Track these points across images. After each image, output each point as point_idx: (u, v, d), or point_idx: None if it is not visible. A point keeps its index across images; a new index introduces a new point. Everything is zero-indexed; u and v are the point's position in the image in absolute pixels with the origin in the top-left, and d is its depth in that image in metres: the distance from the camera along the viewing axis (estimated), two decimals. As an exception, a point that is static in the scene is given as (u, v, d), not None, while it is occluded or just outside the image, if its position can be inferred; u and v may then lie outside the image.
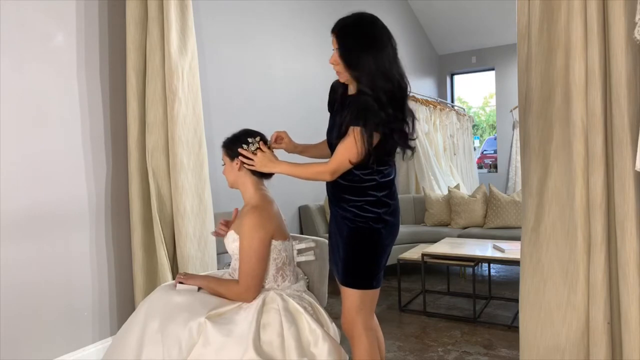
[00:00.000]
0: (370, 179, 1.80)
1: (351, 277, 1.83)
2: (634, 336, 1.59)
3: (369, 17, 1.78)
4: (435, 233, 4.72)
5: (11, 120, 2.35)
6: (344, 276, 1.84)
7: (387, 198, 1.83)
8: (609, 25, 1.60)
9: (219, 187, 3.22)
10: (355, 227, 1.80)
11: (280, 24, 4.39)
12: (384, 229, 1.81)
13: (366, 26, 1.75)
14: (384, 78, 1.69)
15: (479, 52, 8.22)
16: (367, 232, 1.80)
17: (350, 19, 1.75)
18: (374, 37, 1.73)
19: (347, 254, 1.82)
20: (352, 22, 1.75)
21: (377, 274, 1.84)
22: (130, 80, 2.74)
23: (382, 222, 1.80)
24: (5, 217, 2.31)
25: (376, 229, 1.80)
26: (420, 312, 3.54)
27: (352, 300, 1.82)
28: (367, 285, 1.82)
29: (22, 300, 2.38)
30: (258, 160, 1.89)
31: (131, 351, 1.73)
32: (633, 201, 1.58)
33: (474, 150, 8.13)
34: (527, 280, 1.84)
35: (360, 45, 1.71)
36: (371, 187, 1.80)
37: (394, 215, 1.86)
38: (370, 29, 1.74)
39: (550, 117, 1.79)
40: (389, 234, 1.84)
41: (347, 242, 1.82)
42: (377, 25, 1.76)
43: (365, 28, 1.74)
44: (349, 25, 1.75)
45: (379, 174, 1.80)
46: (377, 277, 1.84)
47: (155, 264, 2.78)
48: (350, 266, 1.82)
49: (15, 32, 2.36)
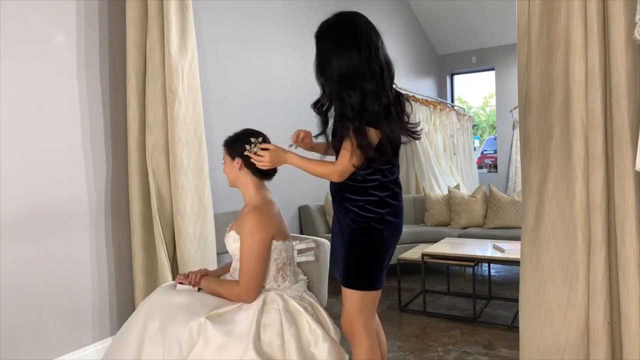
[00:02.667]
0: (372, 179, 1.76)
1: (352, 278, 1.79)
2: (634, 336, 1.59)
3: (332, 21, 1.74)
4: (435, 233, 4.72)
5: (11, 120, 2.35)
6: (345, 277, 1.81)
7: (390, 198, 1.79)
8: (609, 25, 1.60)
9: (219, 187, 3.22)
10: (357, 227, 1.77)
11: (281, 23, 4.39)
12: (386, 230, 1.77)
13: (332, 30, 1.72)
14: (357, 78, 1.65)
15: (479, 52, 8.22)
16: (368, 232, 1.76)
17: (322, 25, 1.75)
18: (340, 39, 1.68)
19: (348, 254, 1.80)
20: (320, 28, 1.75)
21: (378, 275, 1.80)
22: (130, 80, 2.74)
23: (385, 223, 1.77)
24: (5, 217, 2.31)
25: (378, 230, 1.76)
26: (420, 312, 3.54)
27: (352, 301, 1.79)
28: (368, 287, 1.79)
29: (22, 301, 2.38)
30: (269, 157, 1.86)
31: (131, 351, 1.73)
32: (633, 201, 1.58)
33: (474, 150, 8.13)
34: (527, 280, 1.84)
35: (325, 51, 1.71)
36: (373, 187, 1.77)
37: (397, 216, 1.82)
38: (337, 31, 1.71)
39: (550, 117, 1.79)
40: (391, 235, 1.80)
41: (349, 242, 1.79)
42: (347, 25, 1.71)
43: (332, 32, 1.72)
44: (318, 31, 1.75)
45: (381, 173, 1.77)
46: (379, 278, 1.81)
47: (155, 264, 2.77)
48: (351, 267, 1.79)
49: (15, 32, 2.36)
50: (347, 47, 1.66)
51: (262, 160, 1.87)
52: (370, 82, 1.65)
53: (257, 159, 1.88)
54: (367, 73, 1.65)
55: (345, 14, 1.73)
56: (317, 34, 1.75)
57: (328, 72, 1.70)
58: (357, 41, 1.66)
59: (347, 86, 1.66)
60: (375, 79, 1.66)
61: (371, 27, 1.72)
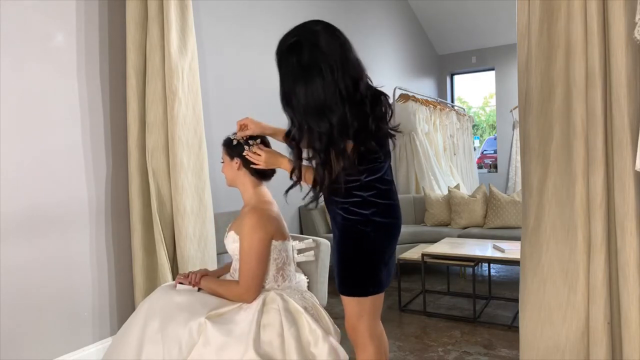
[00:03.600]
0: (353, 180, 1.65)
1: (345, 285, 1.71)
2: (634, 336, 1.59)
3: (293, 40, 1.60)
4: (435, 233, 4.71)
5: (11, 120, 2.35)
6: (338, 283, 1.73)
7: (376, 197, 1.68)
8: (609, 25, 1.61)
9: (219, 187, 3.22)
10: (344, 230, 1.70)
11: (281, 23, 4.38)
12: (373, 232, 1.67)
13: (291, 56, 1.58)
14: (323, 108, 1.55)
15: (479, 52, 8.22)
16: (354, 235, 1.68)
17: (280, 47, 1.62)
18: (300, 67, 1.56)
19: (338, 259, 1.72)
20: (279, 51, 1.62)
21: (372, 279, 1.70)
22: (130, 80, 2.74)
23: (371, 225, 1.67)
24: (5, 218, 2.31)
25: (364, 232, 1.66)
26: (420, 312, 3.54)
27: (350, 308, 1.73)
28: (362, 293, 1.70)
29: (22, 301, 2.38)
30: (265, 158, 1.86)
31: (131, 351, 1.73)
32: (633, 201, 1.58)
33: (474, 150, 8.12)
34: (527, 280, 1.84)
35: (289, 80, 1.59)
36: (355, 188, 1.66)
37: (387, 215, 1.71)
38: (297, 58, 1.57)
39: (550, 117, 1.79)
40: (382, 237, 1.70)
41: (338, 246, 1.72)
42: (306, 49, 1.56)
43: (291, 59, 1.58)
44: (278, 54, 1.63)
45: (362, 173, 1.65)
46: (375, 282, 1.71)
47: (155, 264, 2.77)
48: (342, 273, 1.71)
49: (15, 32, 2.36)
50: (310, 75, 1.55)
51: (258, 160, 1.88)
52: (337, 109, 1.55)
53: (253, 157, 1.89)
54: (333, 99, 1.55)
55: (303, 33, 1.60)
56: (278, 57, 1.64)
57: (294, 103, 1.59)
58: (318, 66, 1.54)
59: (314, 117, 1.56)
60: (343, 100, 1.56)
61: (332, 40, 1.59)
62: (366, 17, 5.79)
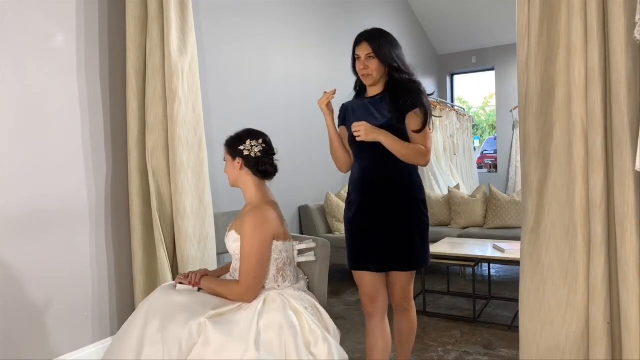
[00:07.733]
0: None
1: (425, 257, 2.08)
2: (634, 336, 1.59)
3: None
4: (435, 233, 4.71)
5: (11, 120, 2.35)
6: (411, 260, 2.05)
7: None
8: (609, 25, 1.60)
9: (219, 187, 3.22)
10: (423, 202, 2.09)
11: (281, 24, 4.39)
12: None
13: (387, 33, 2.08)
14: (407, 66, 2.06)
15: (479, 52, 8.22)
16: (426, 210, 2.08)
17: (374, 30, 2.07)
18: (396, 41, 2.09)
19: (411, 234, 2.04)
20: (376, 31, 2.06)
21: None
22: (130, 80, 2.74)
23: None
24: (5, 217, 2.31)
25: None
26: (421, 312, 3.54)
27: (409, 280, 2.10)
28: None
29: (22, 300, 2.38)
30: (364, 130, 1.91)
31: (131, 351, 1.73)
32: (633, 201, 1.58)
33: (474, 150, 8.13)
34: (527, 280, 1.84)
35: (391, 45, 2.03)
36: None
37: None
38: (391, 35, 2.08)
39: (550, 117, 1.79)
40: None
41: (413, 222, 2.05)
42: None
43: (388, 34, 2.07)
44: (376, 33, 2.04)
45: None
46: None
47: (155, 264, 2.77)
48: (422, 245, 2.07)
49: (15, 32, 2.36)
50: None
51: (359, 133, 1.92)
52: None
53: (355, 130, 1.93)
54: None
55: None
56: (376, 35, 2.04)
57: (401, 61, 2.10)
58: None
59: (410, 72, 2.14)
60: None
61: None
62: (366, 17, 5.79)
